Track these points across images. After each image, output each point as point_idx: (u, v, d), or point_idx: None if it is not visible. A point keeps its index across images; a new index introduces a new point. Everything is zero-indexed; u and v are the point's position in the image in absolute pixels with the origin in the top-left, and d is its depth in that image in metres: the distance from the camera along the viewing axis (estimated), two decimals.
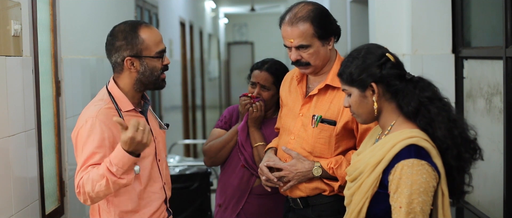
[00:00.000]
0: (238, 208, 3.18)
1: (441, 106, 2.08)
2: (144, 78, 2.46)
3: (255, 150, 3.09)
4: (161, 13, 7.52)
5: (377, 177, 2.06)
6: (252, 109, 3.09)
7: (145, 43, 2.42)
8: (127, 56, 2.42)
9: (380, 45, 2.20)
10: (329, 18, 2.58)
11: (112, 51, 2.45)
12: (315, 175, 2.58)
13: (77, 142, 2.39)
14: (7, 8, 2.71)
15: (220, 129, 3.28)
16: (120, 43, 2.42)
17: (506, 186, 2.90)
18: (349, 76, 2.15)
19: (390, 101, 2.14)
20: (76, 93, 3.80)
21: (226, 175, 3.25)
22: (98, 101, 2.46)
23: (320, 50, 2.57)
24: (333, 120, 2.56)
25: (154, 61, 2.45)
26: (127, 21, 2.52)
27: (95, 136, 2.34)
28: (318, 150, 2.59)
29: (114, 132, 2.38)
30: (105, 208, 2.46)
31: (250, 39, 21.41)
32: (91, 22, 4.31)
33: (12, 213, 2.69)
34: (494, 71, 3.06)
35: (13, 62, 2.75)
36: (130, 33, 2.42)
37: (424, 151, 2.02)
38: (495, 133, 3.04)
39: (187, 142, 9.09)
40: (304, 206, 2.65)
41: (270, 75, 3.14)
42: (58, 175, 3.52)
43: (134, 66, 2.43)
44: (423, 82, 2.12)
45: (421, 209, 1.97)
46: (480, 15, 3.41)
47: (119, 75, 2.49)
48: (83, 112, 2.45)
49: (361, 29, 5.50)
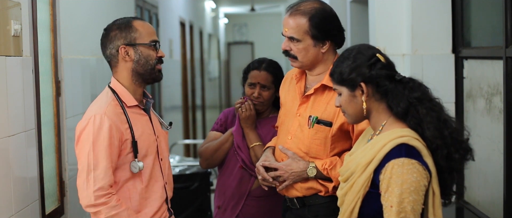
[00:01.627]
0: (237, 210, 3.18)
1: (430, 107, 2.08)
2: (139, 67, 2.49)
3: (252, 151, 3.10)
4: (161, 13, 7.52)
5: (368, 176, 2.06)
6: (241, 110, 3.09)
7: (139, 31, 2.49)
8: (121, 45, 2.47)
9: (371, 46, 2.21)
10: (330, 22, 2.57)
11: (106, 43, 2.50)
12: (310, 175, 2.58)
13: (81, 136, 2.40)
14: (7, 8, 2.71)
15: (216, 132, 3.29)
16: (114, 33, 2.48)
17: (506, 186, 2.90)
18: (339, 76, 2.16)
19: (380, 102, 2.14)
20: (76, 93, 3.80)
21: (224, 177, 3.25)
22: (103, 97, 2.49)
23: (311, 49, 2.56)
24: (329, 121, 2.56)
25: (148, 49, 2.49)
26: (117, 19, 2.57)
27: (104, 134, 2.36)
28: (314, 151, 2.60)
29: (120, 128, 2.41)
30: None
31: (250, 39, 21.40)
32: (91, 22, 4.31)
33: (12, 213, 2.69)
34: (494, 71, 3.06)
35: (13, 62, 2.75)
36: (123, 24, 2.49)
37: (414, 150, 2.02)
38: (495, 133, 3.04)
39: (187, 142, 9.09)
40: (300, 206, 2.66)
41: (270, 74, 3.14)
42: (58, 175, 3.52)
43: (128, 55, 2.48)
44: (413, 83, 2.12)
45: (412, 208, 1.97)
46: (480, 15, 3.41)
47: (116, 70, 2.52)
48: (90, 108, 2.47)
49: (361, 29, 5.50)
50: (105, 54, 2.53)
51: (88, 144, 2.37)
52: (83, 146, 2.38)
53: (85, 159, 2.37)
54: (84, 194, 2.36)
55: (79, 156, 2.40)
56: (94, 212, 2.37)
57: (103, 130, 2.36)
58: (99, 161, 2.35)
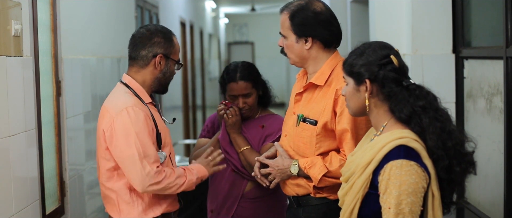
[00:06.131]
0: (230, 213, 3.18)
1: (434, 117, 2.05)
2: (163, 79, 2.65)
3: (241, 155, 3.10)
4: (162, 13, 7.52)
5: (367, 177, 2.06)
6: (227, 116, 3.08)
7: (175, 48, 2.65)
8: (160, 53, 2.60)
9: (390, 46, 2.17)
10: (311, 19, 2.56)
11: (146, 44, 2.60)
12: (293, 172, 2.60)
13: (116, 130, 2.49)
14: (8, 8, 2.71)
15: (204, 138, 3.29)
16: (159, 40, 2.61)
17: (507, 186, 2.90)
18: (349, 67, 2.17)
19: (383, 103, 2.13)
20: (76, 93, 3.81)
21: (216, 181, 3.24)
22: (123, 93, 2.59)
23: (294, 45, 2.61)
24: (314, 120, 2.57)
25: (174, 66, 2.67)
26: (157, 25, 2.72)
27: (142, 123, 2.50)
28: (302, 149, 2.62)
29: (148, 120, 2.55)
30: (128, 201, 2.56)
31: (250, 39, 21.41)
32: (91, 22, 4.31)
33: (12, 213, 2.69)
34: (495, 71, 3.06)
35: (13, 62, 2.75)
36: (168, 35, 2.65)
37: (413, 152, 2.01)
38: (495, 133, 3.04)
39: (187, 142, 9.08)
40: (297, 205, 2.67)
41: (248, 82, 3.10)
42: (59, 175, 3.52)
43: (160, 64, 2.61)
44: (420, 90, 2.09)
45: (410, 210, 1.96)
46: (481, 15, 3.41)
47: (140, 70, 2.62)
48: (114, 103, 2.55)
49: (361, 29, 5.50)
50: (136, 52, 2.61)
51: (131, 135, 2.48)
52: (126, 138, 2.49)
53: (132, 149, 2.47)
54: (141, 179, 2.48)
55: (122, 149, 2.49)
56: (159, 189, 2.51)
57: (140, 120, 2.50)
58: (147, 148, 2.49)
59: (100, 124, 2.57)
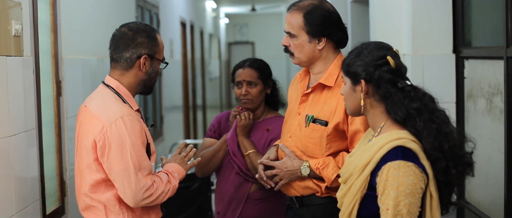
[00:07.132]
0: (236, 213, 3.19)
1: (429, 119, 2.03)
2: (148, 81, 2.52)
3: (247, 158, 3.12)
4: (162, 13, 7.52)
5: (365, 179, 2.05)
6: (240, 117, 3.12)
7: (160, 46, 2.51)
8: (145, 54, 2.46)
9: (388, 47, 2.17)
10: (326, 19, 2.58)
11: (130, 45, 2.46)
12: (303, 174, 2.59)
13: (111, 141, 2.35)
14: (8, 8, 2.71)
15: (210, 138, 3.30)
16: (142, 40, 2.47)
17: (507, 186, 2.90)
18: (346, 67, 2.17)
19: (380, 104, 2.12)
20: (76, 93, 3.81)
21: (221, 183, 3.26)
22: (113, 99, 2.44)
23: (306, 45, 2.59)
24: (325, 121, 2.56)
25: (159, 65, 2.54)
26: (138, 22, 2.57)
27: (138, 133, 2.40)
28: (310, 150, 2.60)
29: (143, 130, 2.47)
30: (118, 212, 2.43)
31: (250, 39, 21.41)
32: (91, 22, 4.31)
33: (12, 213, 2.69)
34: (495, 71, 3.06)
35: (14, 62, 2.75)
36: (151, 34, 2.49)
37: (411, 153, 2.01)
38: (495, 133, 3.04)
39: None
40: (299, 205, 2.67)
41: (254, 70, 3.17)
42: (59, 175, 3.52)
43: (145, 65, 2.48)
44: (415, 92, 2.08)
45: (408, 211, 1.96)
46: (481, 15, 3.41)
47: (124, 73, 2.49)
48: (105, 112, 2.39)
49: (361, 29, 5.49)
50: (118, 53, 2.47)
51: (126, 148, 2.36)
52: (121, 151, 2.36)
53: (127, 163, 2.36)
54: (134, 194, 2.37)
55: (116, 162, 2.36)
56: (150, 201, 2.43)
57: (136, 130, 2.40)
58: (142, 160, 2.40)
59: (89, 132, 2.39)
